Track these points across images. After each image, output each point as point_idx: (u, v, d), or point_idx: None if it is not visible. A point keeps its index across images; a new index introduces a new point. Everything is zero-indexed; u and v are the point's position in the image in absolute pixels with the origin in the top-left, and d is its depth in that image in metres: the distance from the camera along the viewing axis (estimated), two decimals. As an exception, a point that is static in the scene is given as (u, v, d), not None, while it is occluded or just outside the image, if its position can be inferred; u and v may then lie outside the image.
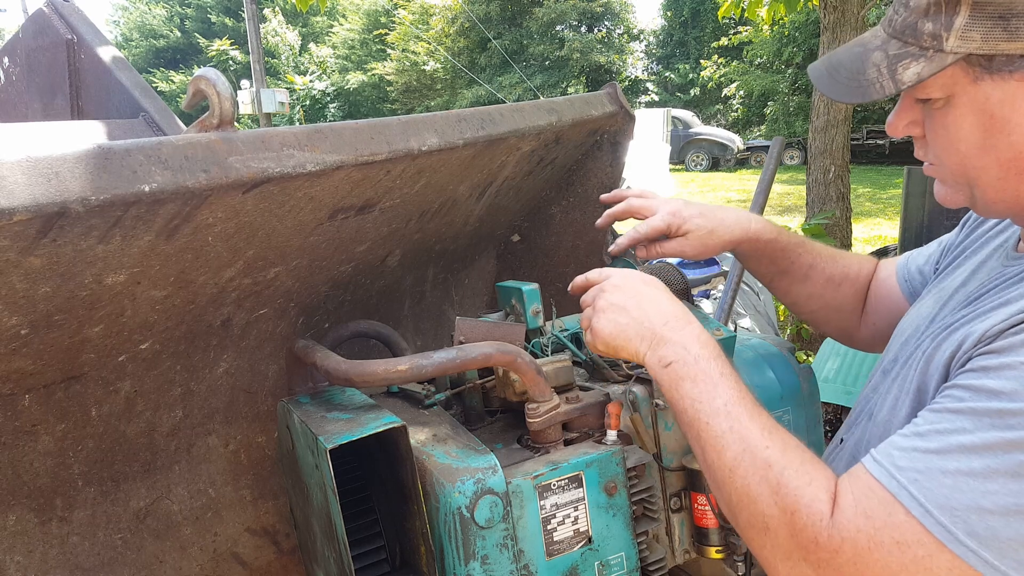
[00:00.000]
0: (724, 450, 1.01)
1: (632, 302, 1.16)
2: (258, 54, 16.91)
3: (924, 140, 1.06)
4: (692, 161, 23.43)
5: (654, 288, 1.18)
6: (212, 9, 39.03)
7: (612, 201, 1.57)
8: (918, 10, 0.95)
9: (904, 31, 0.97)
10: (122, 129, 2.42)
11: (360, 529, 1.30)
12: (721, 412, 1.03)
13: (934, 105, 1.00)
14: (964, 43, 0.91)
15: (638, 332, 1.14)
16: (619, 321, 1.17)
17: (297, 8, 6.25)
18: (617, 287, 1.19)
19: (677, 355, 1.09)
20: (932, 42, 0.94)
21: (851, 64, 1.03)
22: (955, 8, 0.91)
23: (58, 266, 1.01)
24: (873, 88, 0.98)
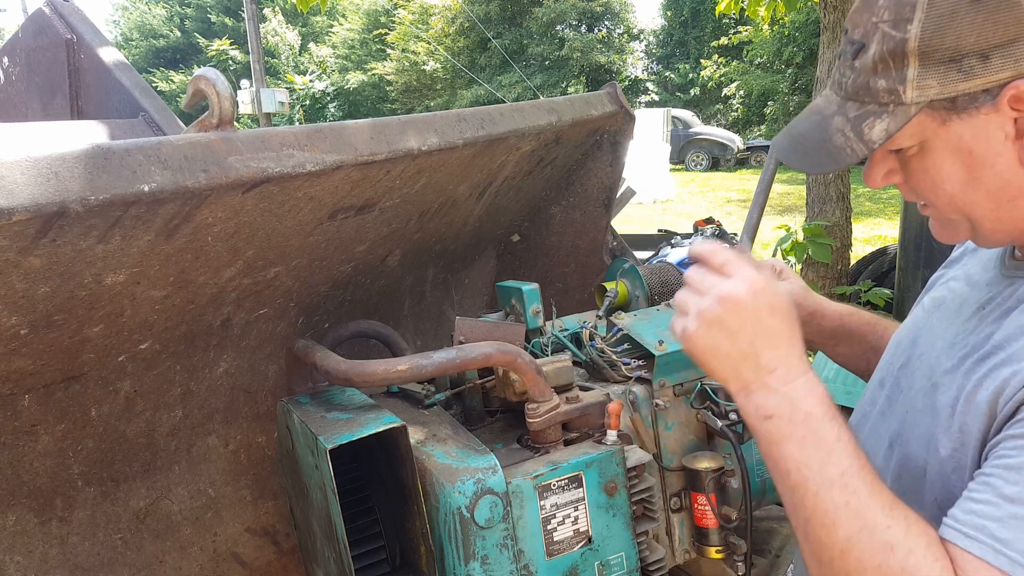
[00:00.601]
0: (836, 527, 0.89)
1: (745, 330, 0.97)
2: (258, 54, 16.91)
3: (907, 185, 1.04)
4: (692, 161, 23.42)
5: (779, 318, 0.98)
6: (212, 9, 39.03)
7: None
8: (866, 70, 0.94)
9: (858, 92, 0.96)
10: (122, 129, 2.41)
11: (360, 529, 1.30)
12: (836, 484, 0.89)
13: (908, 152, 0.98)
14: (923, 92, 0.91)
15: (736, 367, 0.98)
16: (720, 345, 0.98)
17: (297, 8, 6.25)
18: (736, 304, 0.97)
19: (780, 410, 0.94)
20: (890, 97, 0.93)
21: (813, 134, 1.01)
22: (903, 62, 0.91)
23: (58, 266, 1.01)
24: (844, 153, 0.96)
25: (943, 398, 1.02)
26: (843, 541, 0.88)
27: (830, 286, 5.93)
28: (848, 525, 0.88)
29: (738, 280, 0.99)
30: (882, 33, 0.92)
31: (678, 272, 1.92)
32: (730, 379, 0.99)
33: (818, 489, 0.91)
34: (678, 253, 5.21)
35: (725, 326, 0.98)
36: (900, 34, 0.90)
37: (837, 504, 0.89)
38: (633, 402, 1.45)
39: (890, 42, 0.91)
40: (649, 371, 1.47)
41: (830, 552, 0.90)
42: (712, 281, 1.00)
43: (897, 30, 0.90)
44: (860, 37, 0.95)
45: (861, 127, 0.95)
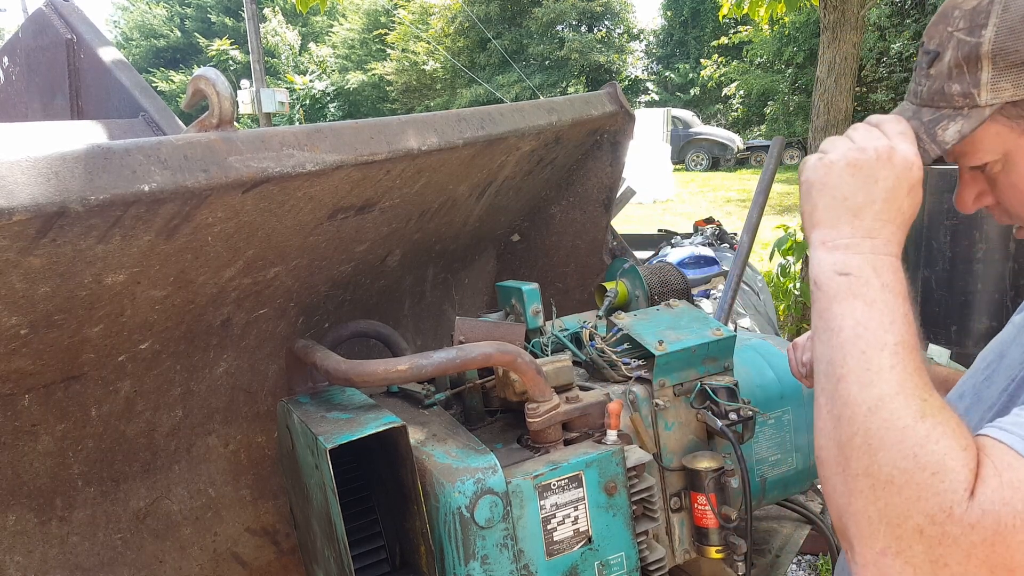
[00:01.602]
0: (873, 385, 0.87)
1: (877, 188, 0.95)
2: (258, 54, 16.90)
3: (999, 207, 1.05)
4: (692, 161, 23.43)
5: (911, 199, 0.96)
6: (212, 9, 39.03)
7: None
8: (940, 76, 0.98)
9: (932, 97, 1.00)
10: (122, 129, 2.41)
11: (360, 529, 1.30)
12: (888, 348, 0.88)
13: (993, 169, 1.01)
14: (997, 94, 0.94)
15: (840, 217, 0.95)
16: (843, 187, 0.96)
17: (297, 8, 6.24)
18: (889, 161, 0.96)
19: (862, 271, 0.92)
20: (965, 101, 0.96)
21: None
22: (976, 66, 0.94)
23: (58, 266, 1.01)
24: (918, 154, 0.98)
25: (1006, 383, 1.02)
26: (875, 399, 0.86)
27: (830, 286, 5.92)
28: (886, 386, 0.86)
29: (902, 146, 0.97)
30: (957, 40, 0.96)
31: (678, 272, 1.92)
32: (826, 227, 0.96)
33: (867, 348, 0.89)
34: (678, 253, 5.21)
35: (862, 173, 0.96)
36: (974, 39, 0.94)
37: (883, 366, 0.87)
38: (633, 402, 1.45)
39: (965, 48, 0.95)
40: (649, 371, 1.47)
41: (857, 409, 0.87)
42: (875, 136, 0.99)
43: (972, 36, 0.94)
44: (936, 47, 0.99)
45: (935, 129, 0.98)
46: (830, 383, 0.91)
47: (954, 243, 4.58)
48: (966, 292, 4.56)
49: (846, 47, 5.65)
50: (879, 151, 0.96)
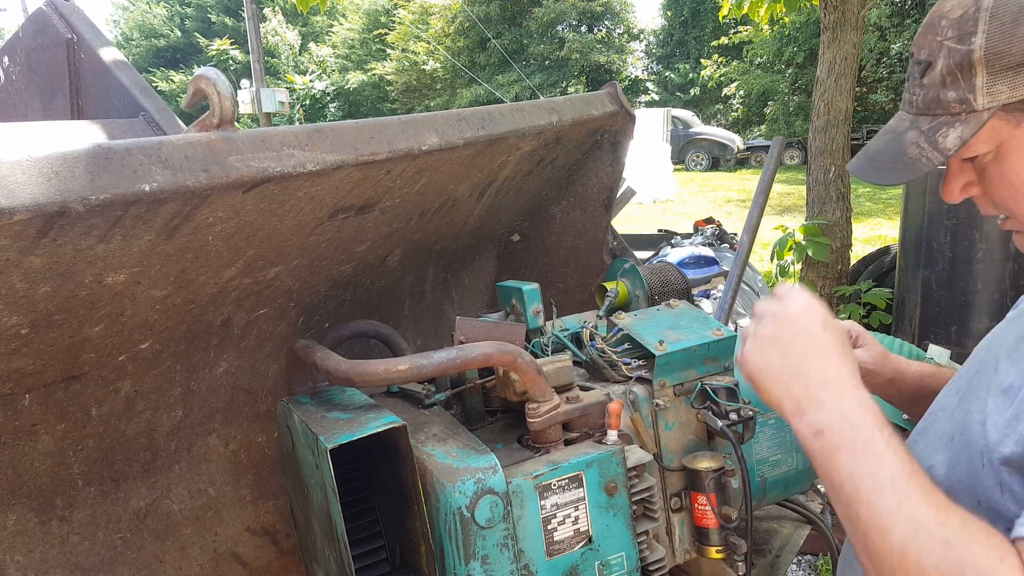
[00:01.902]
0: (891, 531, 0.87)
1: (797, 344, 0.99)
2: (258, 54, 16.90)
3: (985, 197, 1.07)
4: (692, 161, 23.42)
5: (830, 334, 1.00)
6: (212, 9, 39.02)
7: None
8: (934, 84, 1.00)
9: (929, 106, 1.02)
10: (122, 129, 2.41)
11: (360, 529, 1.30)
12: (887, 487, 0.88)
13: (983, 160, 1.02)
14: (993, 98, 0.95)
15: (788, 384, 0.99)
16: (772, 361, 1.00)
17: (297, 8, 6.25)
18: (789, 319, 1.01)
19: (831, 423, 0.94)
20: (962, 106, 0.98)
21: (889, 150, 1.06)
22: (970, 72, 0.96)
23: (58, 266, 1.01)
24: (920, 163, 1.01)
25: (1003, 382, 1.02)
26: (900, 544, 0.86)
27: (830, 286, 5.93)
28: (903, 528, 0.86)
29: (791, 300, 1.03)
30: (947, 49, 0.98)
31: (678, 272, 1.92)
32: (784, 398, 0.99)
33: (870, 496, 0.89)
34: (678, 253, 5.22)
35: (777, 341, 1.00)
36: (965, 47, 0.96)
37: (890, 508, 0.88)
38: (633, 402, 1.45)
39: (956, 56, 0.97)
40: (649, 371, 1.47)
41: (889, 560, 0.88)
42: (770, 306, 1.05)
43: (962, 44, 0.96)
44: (926, 57, 1.01)
45: (935, 137, 1.00)
46: (859, 540, 0.92)
47: (954, 243, 4.59)
48: (966, 292, 4.56)
49: (846, 47, 5.65)
50: (776, 317, 1.02)
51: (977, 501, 1.02)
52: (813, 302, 1.02)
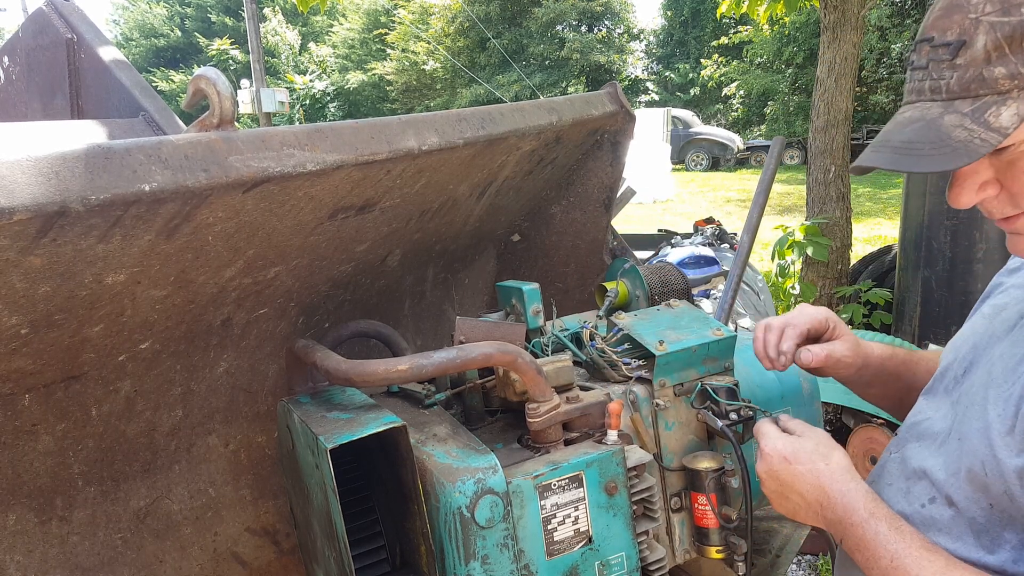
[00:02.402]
0: None
1: (786, 488, 1.21)
2: (258, 54, 16.90)
3: (1002, 196, 1.00)
4: (692, 161, 23.43)
5: (796, 462, 1.19)
6: (212, 8, 39.01)
7: None
8: (975, 62, 0.93)
9: (968, 87, 0.94)
10: (122, 129, 2.41)
11: (360, 529, 1.30)
12: (889, 570, 1.05)
13: (1016, 150, 0.95)
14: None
15: (808, 515, 1.20)
16: (788, 508, 1.23)
17: (297, 8, 6.25)
18: (768, 474, 1.23)
19: (839, 533, 1.14)
20: (1013, 83, 0.90)
21: (923, 137, 0.96)
22: (1022, 44, 0.89)
23: (58, 266, 1.01)
24: (972, 145, 0.92)
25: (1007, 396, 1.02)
26: None
27: (830, 286, 5.93)
28: None
29: (763, 453, 1.24)
30: (988, 24, 0.90)
31: (678, 272, 1.92)
32: (817, 523, 1.20)
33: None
34: (678, 253, 5.21)
35: (778, 494, 1.23)
36: (1016, 18, 0.89)
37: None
38: (633, 402, 1.45)
39: (1004, 28, 0.90)
40: (649, 371, 1.47)
41: None
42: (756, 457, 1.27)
43: (1010, 15, 0.89)
44: (956, 37, 0.94)
45: (984, 117, 0.92)
46: None
47: (954, 243, 4.59)
48: (966, 292, 4.56)
49: (846, 47, 5.65)
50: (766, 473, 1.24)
51: (989, 505, 1.03)
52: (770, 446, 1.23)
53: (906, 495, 1.18)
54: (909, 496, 1.17)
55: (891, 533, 1.07)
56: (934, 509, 1.11)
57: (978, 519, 1.05)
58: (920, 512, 1.14)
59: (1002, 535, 1.02)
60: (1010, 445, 0.99)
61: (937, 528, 1.10)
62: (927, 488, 1.13)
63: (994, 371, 1.07)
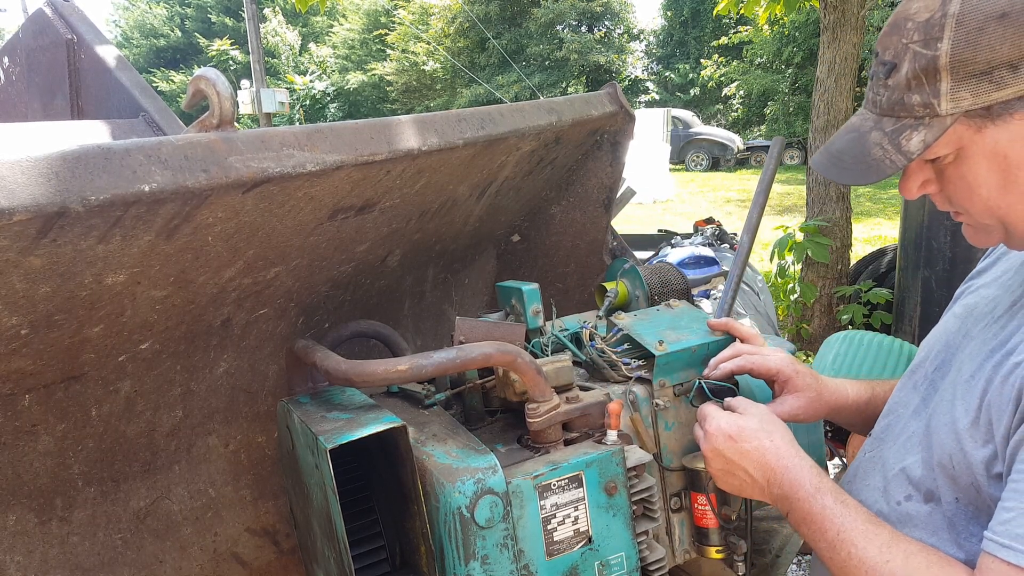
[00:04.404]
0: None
1: (732, 465, 1.25)
2: (258, 54, 16.90)
3: (941, 195, 1.09)
4: (692, 161, 23.43)
5: (742, 440, 1.24)
6: (212, 9, 39.01)
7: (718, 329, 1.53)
8: (899, 87, 1.00)
9: (893, 108, 1.02)
10: (122, 129, 2.42)
11: (360, 529, 1.30)
12: (836, 544, 1.09)
13: (944, 161, 1.03)
14: (957, 104, 0.96)
15: (755, 492, 1.25)
16: (734, 485, 1.28)
17: (297, 8, 6.25)
18: (713, 452, 1.27)
19: (785, 507, 1.19)
20: (925, 111, 0.98)
21: (852, 149, 1.07)
22: (935, 77, 0.96)
23: (58, 266, 1.01)
24: (883, 165, 1.02)
25: (972, 390, 1.05)
26: None
27: (830, 286, 5.93)
28: (858, 573, 1.05)
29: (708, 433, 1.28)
30: (913, 52, 0.98)
31: (678, 272, 1.92)
32: (764, 499, 1.25)
33: (829, 554, 1.10)
34: (678, 253, 5.21)
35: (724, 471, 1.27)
36: (931, 52, 0.95)
37: (844, 560, 1.07)
38: (633, 402, 1.45)
39: (922, 60, 0.97)
40: (649, 371, 1.47)
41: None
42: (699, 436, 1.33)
43: (928, 48, 0.96)
44: (891, 58, 1.01)
45: (899, 140, 1.01)
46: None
47: (954, 243, 4.58)
48: (966, 292, 4.55)
49: (846, 47, 5.65)
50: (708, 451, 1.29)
51: (956, 498, 1.07)
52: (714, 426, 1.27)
53: (883, 493, 1.19)
54: (887, 495, 1.18)
55: (837, 507, 1.11)
56: (910, 506, 1.13)
57: (947, 513, 1.08)
58: (896, 510, 1.16)
59: (969, 528, 1.05)
60: (975, 436, 1.02)
61: (913, 524, 1.12)
62: (903, 485, 1.15)
63: (964, 369, 1.10)
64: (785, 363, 1.42)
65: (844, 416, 1.45)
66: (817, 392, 1.41)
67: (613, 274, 2.06)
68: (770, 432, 1.23)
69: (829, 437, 3.77)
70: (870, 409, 1.43)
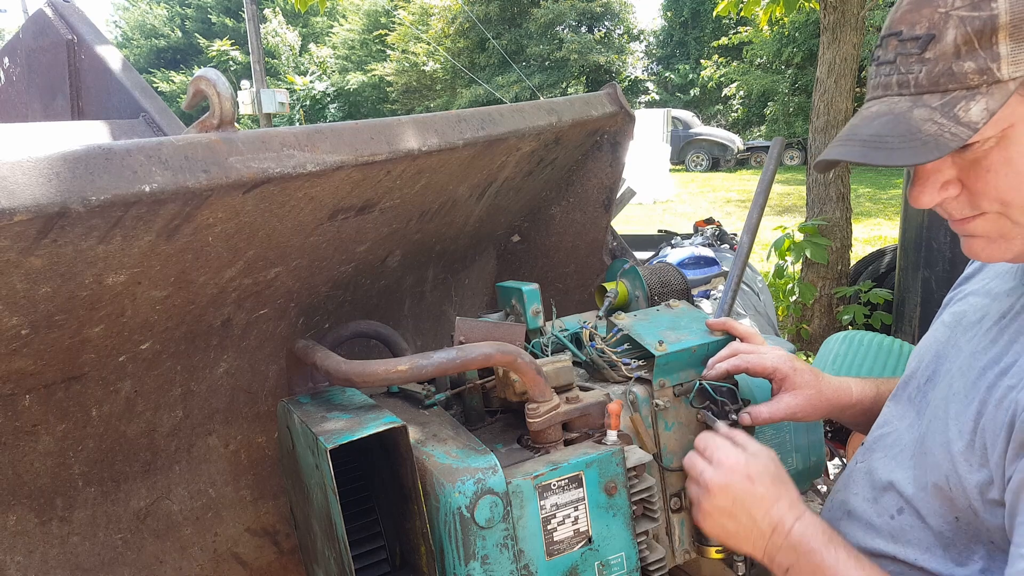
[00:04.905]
0: None
1: (738, 507, 1.18)
2: (258, 54, 16.91)
3: (963, 196, 0.99)
4: (692, 161, 23.44)
5: (759, 483, 1.18)
6: (212, 9, 39.02)
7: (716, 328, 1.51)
8: (945, 57, 0.91)
9: (937, 81, 0.92)
10: (122, 129, 2.42)
11: (360, 529, 1.30)
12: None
13: (980, 148, 0.94)
14: (1020, 67, 0.88)
15: (750, 540, 1.18)
16: (728, 528, 1.21)
17: (297, 9, 6.25)
18: (722, 488, 1.21)
19: (790, 559, 1.14)
20: (982, 77, 0.89)
21: (893, 130, 0.95)
22: (992, 40, 0.88)
23: (59, 266, 1.01)
24: (943, 140, 0.90)
25: (966, 411, 1.02)
26: None
27: (830, 287, 5.93)
28: None
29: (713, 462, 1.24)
30: (958, 18, 0.89)
31: (678, 272, 1.92)
32: (754, 551, 1.19)
33: None
34: (678, 253, 5.22)
35: (722, 510, 1.21)
36: (985, 12, 0.88)
37: None
38: (633, 402, 1.45)
39: (974, 23, 0.88)
40: (649, 371, 1.47)
41: None
42: (700, 479, 1.26)
43: (979, 10, 0.88)
44: (925, 31, 0.92)
45: (954, 112, 0.91)
46: None
47: (954, 243, 4.58)
48: (966, 292, 4.55)
49: (846, 48, 5.65)
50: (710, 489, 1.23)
51: (955, 518, 1.03)
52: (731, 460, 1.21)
53: (874, 504, 1.17)
54: (877, 506, 1.17)
55: (850, 560, 1.08)
56: (903, 520, 1.11)
57: (946, 533, 1.04)
58: (890, 523, 1.13)
59: (970, 547, 1.02)
60: (970, 460, 0.98)
61: (906, 540, 1.10)
62: (895, 499, 1.13)
63: (955, 385, 1.06)
64: (782, 361, 1.40)
65: (848, 414, 1.43)
66: (817, 389, 1.39)
67: (613, 274, 2.06)
68: (785, 480, 1.20)
69: (829, 437, 3.77)
70: (875, 408, 1.39)
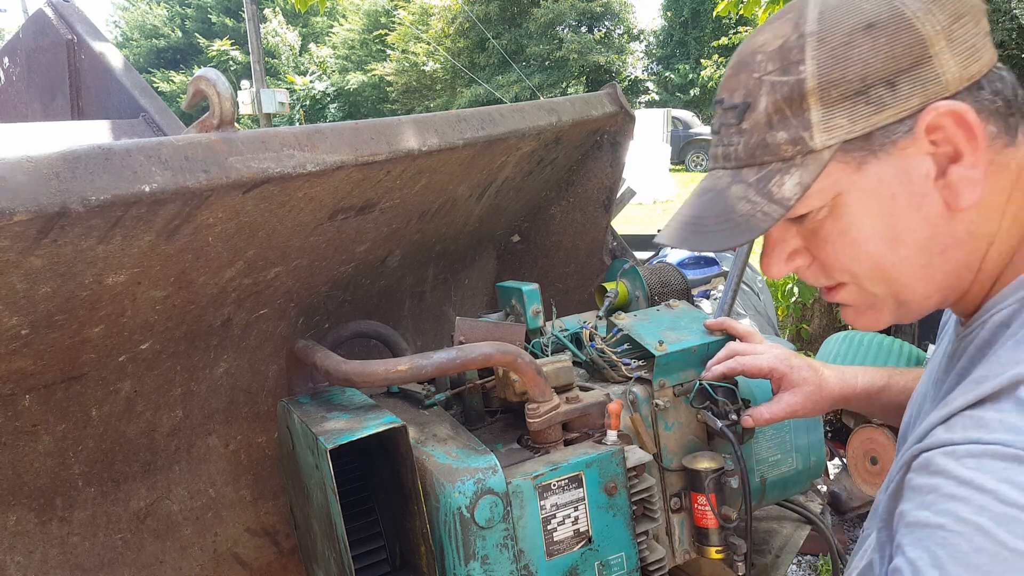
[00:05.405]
0: None
1: None
2: (258, 54, 16.91)
3: (814, 266, 0.92)
4: (692, 161, 23.44)
5: None
6: (212, 9, 39.02)
7: (714, 328, 1.49)
8: (757, 128, 0.85)
9: (753, 153, 0.86)
10: (122, 129, 2.42)
11: (360, 529, 1.30)
12: None
13: (814, 218, 0.87)
14: (832, 133, 0.81)
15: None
16: None
17: (297, 8, 6.25)
18: None
19: None
20: (795, 148, 0.83)
21: (710, 211, 0.90)
22: (801, 106, 0.82)
23: (58, 266, 1.01)
24: (755, 220, 0.85)
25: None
26: None
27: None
28: None
29: None
30: (770, 84, 0.83)
31: (678, 272, 1.92)
32: None
33: None
34: (678, 253, 5.22)
35: None
36: (793, 77, 0.82)
37: None
38: (633, 402, 1.45)
39: (783, 88, 0.82)
40: (649, 371, 1.47)
41: None
42: None
43: (788, 75, 0.82)
44: (742, 99, 0.87)
45: (768, 188, 0.85)
46: None
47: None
48: (966, 293, 4.54)
49: (846, 48, 5.65)
50: None
51: None
52: None
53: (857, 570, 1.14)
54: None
55: None
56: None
57: None
58: None
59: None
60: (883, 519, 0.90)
61: None
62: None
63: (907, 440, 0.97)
64: (779, 360, 1.39)
65: (854, 404, 1.39)
66: (816, 385, 1.37)
67: (613, 274, 2.06)
68: None
69: (829, 437, 3.77)
70: (885, 396, 1.34)
